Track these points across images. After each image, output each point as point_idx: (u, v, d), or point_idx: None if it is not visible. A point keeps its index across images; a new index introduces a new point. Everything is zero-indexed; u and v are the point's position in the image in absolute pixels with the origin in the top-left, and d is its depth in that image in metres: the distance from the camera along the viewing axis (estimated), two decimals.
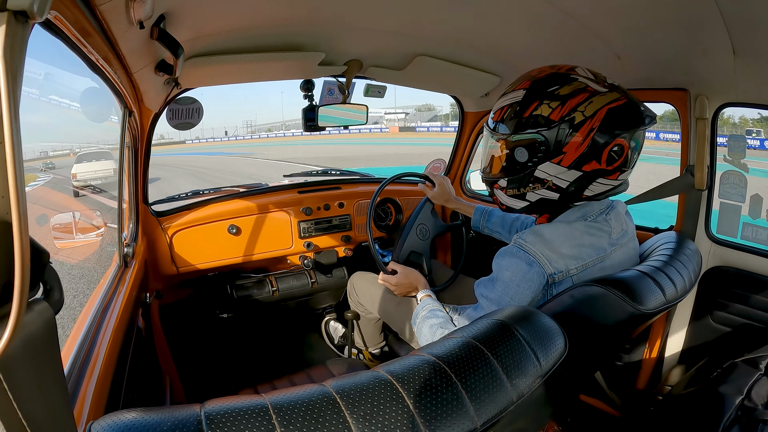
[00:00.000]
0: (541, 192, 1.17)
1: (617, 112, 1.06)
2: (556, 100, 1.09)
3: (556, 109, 1.08)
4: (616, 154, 1.09)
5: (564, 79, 1.10)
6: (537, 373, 0.69)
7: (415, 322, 1.43)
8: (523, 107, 1.13)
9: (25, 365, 0.44)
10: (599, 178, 1.12)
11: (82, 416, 0.75)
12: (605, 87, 1.09)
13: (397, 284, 1.65)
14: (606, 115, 1.06)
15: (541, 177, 1.15)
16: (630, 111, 1.08)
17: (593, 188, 1.13)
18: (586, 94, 1.07)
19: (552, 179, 1.14)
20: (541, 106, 1.10)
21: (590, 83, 1.09)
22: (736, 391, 1.19)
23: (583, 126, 1.07)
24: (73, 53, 0.86)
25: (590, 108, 1.06)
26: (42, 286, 0.47)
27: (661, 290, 1.05)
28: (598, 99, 1.07)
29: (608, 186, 1.14)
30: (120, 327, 1.12)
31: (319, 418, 0.53)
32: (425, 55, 1.77)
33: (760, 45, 1.13)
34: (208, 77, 1.70)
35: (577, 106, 1.07)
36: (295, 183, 2.44)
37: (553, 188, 1.15)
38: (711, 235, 1.55)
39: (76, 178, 13.31)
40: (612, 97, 1.07)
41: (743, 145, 1.51)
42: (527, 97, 1.13)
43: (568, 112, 1.07)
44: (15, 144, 0.35)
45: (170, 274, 2.05)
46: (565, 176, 1.12)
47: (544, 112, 1.10)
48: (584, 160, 1.09)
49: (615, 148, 1.08)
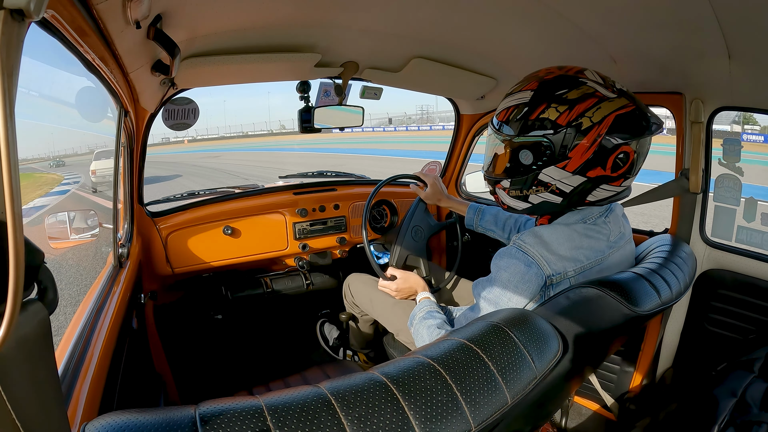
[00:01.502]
0: (544, 195, 1.16)
1: (625, 119, 1.06)
2: (564, 104, 1.08)
3: (564, 114, 1.07)
4: (622, 161, 1.08)
5: (572, 83, 1.09)
6: (532, 375, 0.69)
7: (412, 323, 1.43)
8: (531, 109, 1.12)
9: (19, 366, 0.44)
10: (603, 184, 1.12)
11: (76, 417, 0.74)
12: (614, 92, 1.08)
13: (397, 290, 1.65)
14: (614, 121, 1.05)
15: (545, 180, 1.14)
16: (637, 118, 1.07)
17: (597, 194, 1.13)
18: (595, 99, 1.06)
19: (556, 183, 1.13)
20: (549, 109, 1.09)
21: (599, 88, 1.08)
22: (731, 394, 1.20)
23: (590, 132, 1.06)
24: (69, 52, 0.85)
25: (598, 114, 1.05)
26: (36, 286, 0.47)
27: (656, 292, 1.06)
28: (606, 105, 1.06)
29: (612, 192, 1.14)
30: (114, 328, 1.11)
31: (314, 419, 0.53)
32: (421, 57, 1.78)
33: (755, 49, 1.14)
34: (204, 78, 1.70)
35: (585, 112, 1.06)
36: (290, 184, 2.44)
37: (556, 192, 1.14)
38: (705, 238, 1.56)
39: (95, 174, 13.58)
40: (620, 103, 1.07)
41: (738, 149, 1.52)
42: (534, 98, 1.12)
43: (575, 117, 1.07)
44: (10, 143, 0.35)
45: (165, 274, 2.04)
46: (570, 181, 1.12)
47: (552, 115, 1.09)
48: (589, 166, 1.09)
49: (621, 155, 1.07)
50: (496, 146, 1.22)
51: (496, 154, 1.23)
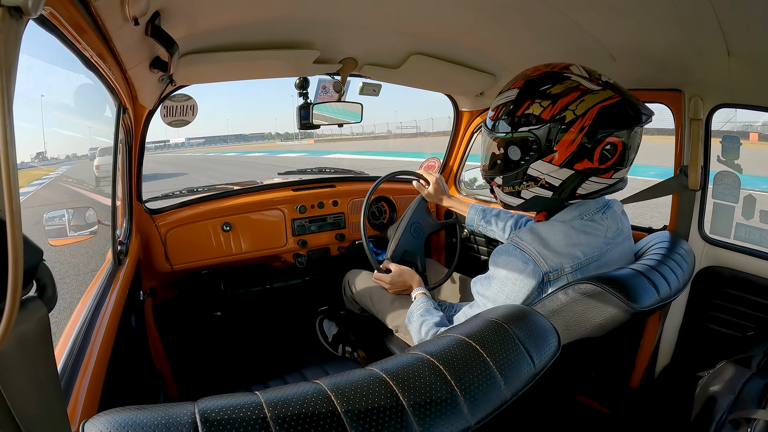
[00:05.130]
0: (535, 190, 1.18)
1: (609, 110, 1.07)
2: (548, 99, 1.10)
3: (547, 108, 1.09)
4: (609, 152, 1.09)
5: (557, 78, 1.11)
6: (531, 372, 0.69)
7: (410, 320, 1.44)
8: (516, 106, 1.14)
9: (19, 363, 0.44)
10: (592, 177, 1.12)
11: (76, 414, 0.74)
12: (598, 85, 1.09)
13: (391, 282, 1.65)
14: (598, 113, 1.06)
15: (534, 175, 1.16)
16: (623, 109, 1.08)
17: (587, 186, 1.14)
18: (578, 92, 1.08)
19: (545, 177, 1.14)
20: (533, 105, 1.11)
21: (583, 81, 1.09)
22: (729, 390, 1.20)
23: (574, 124, 1.07)
24: (67, 49, 0.85)
25: (581, 107, 1.07)
26: (35, 284, 0.47)
27: (655, 289, 1.06)
28: (590, 98, 1.07)
29: (603, 184, 1.14)
30: (113, 325, 1.11)
31: (313, 415, 0.53)
32: (420, 53, 1.77)
33: (754, 46, 1.14)
34: (202, 74, 1.69)
35: (568, 105, 1.07)
36: (289, 181, 2.44)
37: (546, 186, 1.16)
38: (704, 236, 1.57)
39: (99, 169, 13.95)
40: (605, 95, 1.08)
41: (737, 146, 1.52)
42: (520, 96, 1.14)
43: (558, 111, 1.08)
44: (9, 141, 0.34)
45: (164, 271, 2.04)
46: (558, 174, 1.13)
47: (536, 111, 1.11)
48: (576, 158, 1.10)
49: (608, 147, 1.08)
50: (489, 145, 1.25)
51: (491, 152, 1.25)
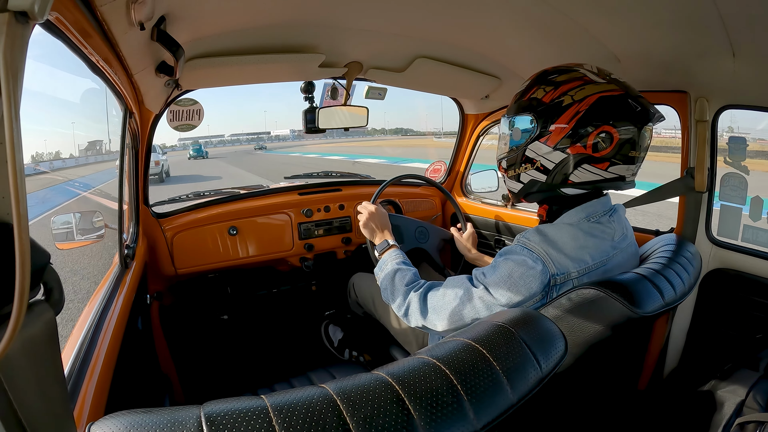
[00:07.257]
0: (531, 173, 1.20)
1: (609, 101, 1.08)
2: (551, 84, 1.14)
3: (549, 93, 1.14)
4: (604, 141, 1.09)
5: (565, 70, 1.15)
6: (537, 376, 0.68)
7: (381, 273, 1.43)
8: (524, 93, 1.20)
9: (26, 366, 0.44)
10: (585, 164, 1.12)
11: (83, 417, 0.75)
12: (604, 79, 1.11)
13: (369, 216, 1.63)
14: (596, 102, 1.08)
15: (531, 156, 1.19)
16: (624, 102, 1.08)
17: (579, 174, 1.14)
18: (581, 81, 1.11)
19: (540, 160, 1.17)
20: (538, 90, 1.17)
21: (589, 74, 1.12)
22: (737, 393, 1.19)
23: (569, 108, 1.10)
24: (73, 54, 0.86)
25: (580, 93, 1.09)
26: (42, 287, 0.47)
27: (659, 293, 1.05)
28: (591, 87, 1.09)
29: (597, 176, 1.13)
30: (120, 328, 1.11)
31: (319, 420, 0.53)
32: (425, 57, 1.78)
33: (759, 47, 1.13)
34: (208, 79, 1.70)
35: (568, 91, 1.11)
36: (295, 185, 2.44)
37: (541, 169, 1.18)
38: (711, 238, 1.55)
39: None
40: (607, 87, 1.09)
41: (743, 147, 1.51)
42: (529, 84, 1.20)
43: (558, 96, 1.12)
44: (16, 144, 0.35)
45: (170, 275, 2.05)
46: (551, 157, 1.15)
47: (539, 95, 1.16)
48: (568, 141, 1.11)
49: (602, 135, 1.08)
50: (502, 132, 1.30)
51: (502, 139, 1.30)
